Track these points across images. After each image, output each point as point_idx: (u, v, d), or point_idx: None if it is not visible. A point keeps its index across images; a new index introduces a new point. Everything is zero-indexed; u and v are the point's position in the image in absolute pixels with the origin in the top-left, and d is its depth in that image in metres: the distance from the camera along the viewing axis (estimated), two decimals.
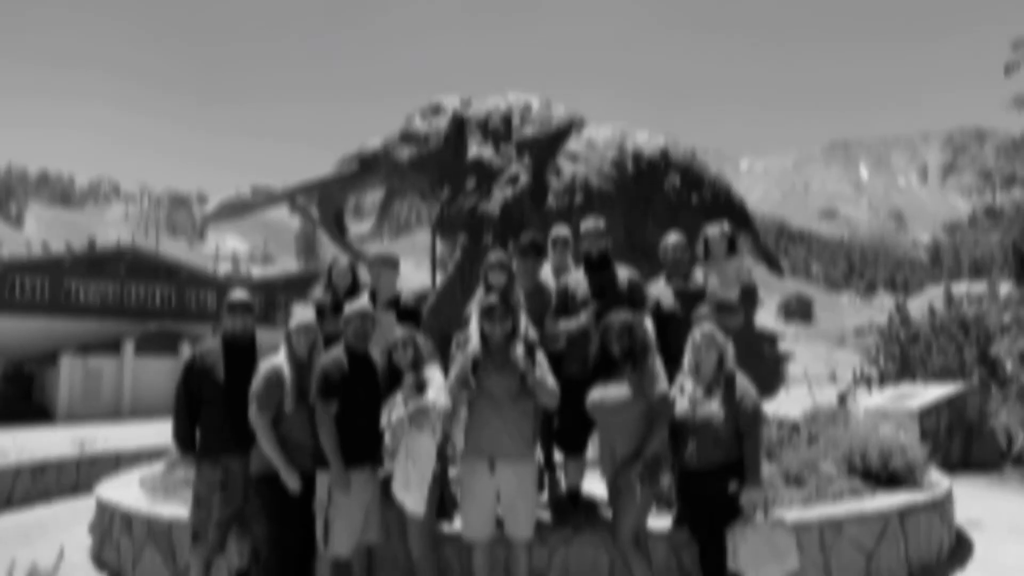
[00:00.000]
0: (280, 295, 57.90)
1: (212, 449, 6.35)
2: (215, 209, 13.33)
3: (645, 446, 5.69)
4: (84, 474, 14.16)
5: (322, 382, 5.85)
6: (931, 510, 7.85)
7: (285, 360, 6.14)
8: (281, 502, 5.96)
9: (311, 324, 6.30)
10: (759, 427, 5.83)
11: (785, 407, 17.03)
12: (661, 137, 10.91)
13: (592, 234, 6.89)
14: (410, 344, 5.98)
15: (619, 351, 5.86)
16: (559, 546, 6.45)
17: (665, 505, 7.01)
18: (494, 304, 5.88)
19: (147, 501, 8.42)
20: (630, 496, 5.70)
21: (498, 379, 5.78)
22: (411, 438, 5.66)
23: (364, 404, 5.94)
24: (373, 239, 15.17)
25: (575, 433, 6.61)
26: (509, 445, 5.73)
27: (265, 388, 6.00)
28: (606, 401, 5.83)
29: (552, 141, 10.94)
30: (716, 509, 5.76)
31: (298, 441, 5.98)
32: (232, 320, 6.60)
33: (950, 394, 15.63)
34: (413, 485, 5.59)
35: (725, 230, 6.91)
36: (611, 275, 6.78)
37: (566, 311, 6.66)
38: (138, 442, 19.49)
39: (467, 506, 5.86)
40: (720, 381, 5.90)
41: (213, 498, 6.27)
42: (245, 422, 6.01)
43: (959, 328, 18.64)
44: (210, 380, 6.39)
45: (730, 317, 6.74)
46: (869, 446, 8.47)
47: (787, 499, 7.35)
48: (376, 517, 6.00)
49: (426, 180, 11.80)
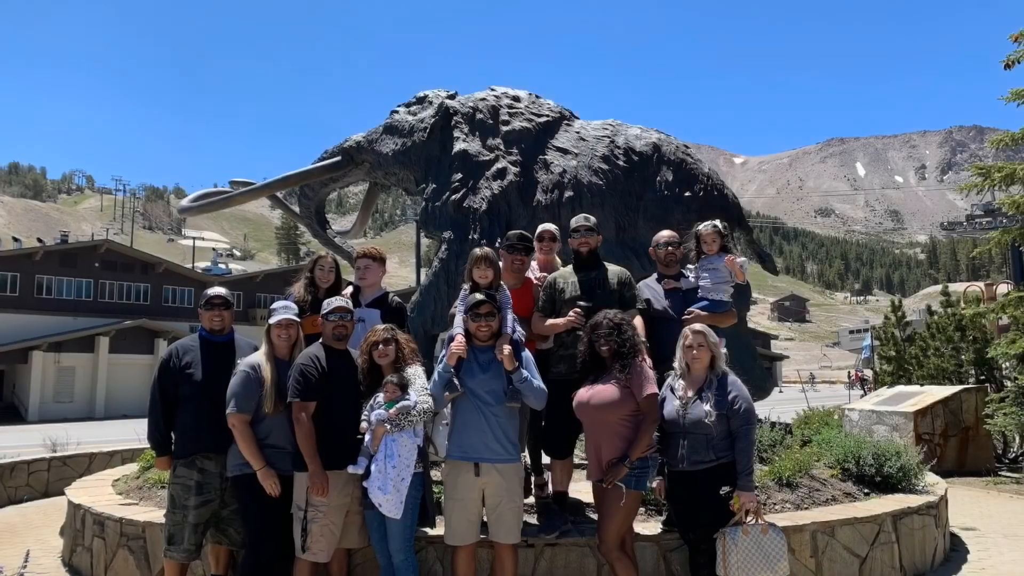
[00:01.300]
0: (260, 291, 57.81)
1: (188, 449, 6.33)
2: (193, 202, 13.30)
3: (633, 448, 5.69)
4: (55, 475, 14.08)
5: (299, 381, 5.84)
6: (926, 514, 7.90)
7: (264, 358, 6.13)
8: (258, 504, 5.94)
9: (292, 321, 6.28)
10: (751, 429, 5.84)
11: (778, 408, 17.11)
12: (653, 132, 10.92)
13: (581, 230, 6.87)
14: (392, 342, 5.97)
15: (608, 351, 5.85)
16: (545, 550, 6.46)
17: (654, 508, 7.03)
18: (480, 301, 5.88)
19: (120, 503, 8.39)
20: (617, 499, 5.71)
21: (483, 379, 5.78)
22: (391, 439, 5.65)
23: (343, 404, 5.92)
24: (356, 234, 15.17)
25: (562, 434, 6.60)
26: (494, 447, 5.73)
27: (243, 387, 5.98)
28: (593, 401, 5.83)
29: (541, 134, 10.94)
30: (706, 512, 5.77)
31: (276, 442, 5.97)
32: (210, 317, 6.58)
33: (946, 396, 15.70)
34: (391, 487, 5.58)
35: (718, 227, 6.91)
36: (601, 273, 6.77)
37: (554, 309, 6.66)
38: (112, 442, 19.44)
39: (451, 509, 5.85)
40: (711, 382, 5.90)
41: (189, 500, 6.25)
42: (222, 422, 5.99)
43: (956, 329, 18.69)
44: (187, 378, 6.37)
45: (722, 317, 6.75)
46: (863, 449, 8.52)
47: (779, 502, 7.39)
48: (356, 520, 5.99)
49: (411, 174, 11.79)
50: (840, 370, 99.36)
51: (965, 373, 18.45)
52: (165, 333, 50.01)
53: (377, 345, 5.93)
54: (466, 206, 10.36)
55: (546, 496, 6.90)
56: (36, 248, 52.85)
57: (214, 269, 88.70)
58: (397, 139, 11.86)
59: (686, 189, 10.22)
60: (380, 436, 5.65)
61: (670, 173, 10.33)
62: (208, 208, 13.43)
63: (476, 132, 11.05)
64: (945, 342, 19.05)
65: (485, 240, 9.47)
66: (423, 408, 5.71)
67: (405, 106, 12.40)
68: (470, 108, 11.36)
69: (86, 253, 52.85)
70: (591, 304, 6.35)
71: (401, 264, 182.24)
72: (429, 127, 11.44)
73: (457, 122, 11.24)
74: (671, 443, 5.92)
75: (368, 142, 12.31)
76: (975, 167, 16.69)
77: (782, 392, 47.20)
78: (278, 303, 6.46)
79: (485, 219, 10.17)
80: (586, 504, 6.96)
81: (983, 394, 15.89)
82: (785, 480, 7.79)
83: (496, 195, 10.29)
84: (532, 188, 10.44)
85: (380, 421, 5.66)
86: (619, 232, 10.18)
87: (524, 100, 11.54)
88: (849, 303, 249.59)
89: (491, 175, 10.50)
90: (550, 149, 10.76)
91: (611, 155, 10.43)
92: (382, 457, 5.63)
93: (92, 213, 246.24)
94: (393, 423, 5.63)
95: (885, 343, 21.50)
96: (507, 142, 10.85)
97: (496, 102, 11.44)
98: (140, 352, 49.93)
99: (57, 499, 11.89)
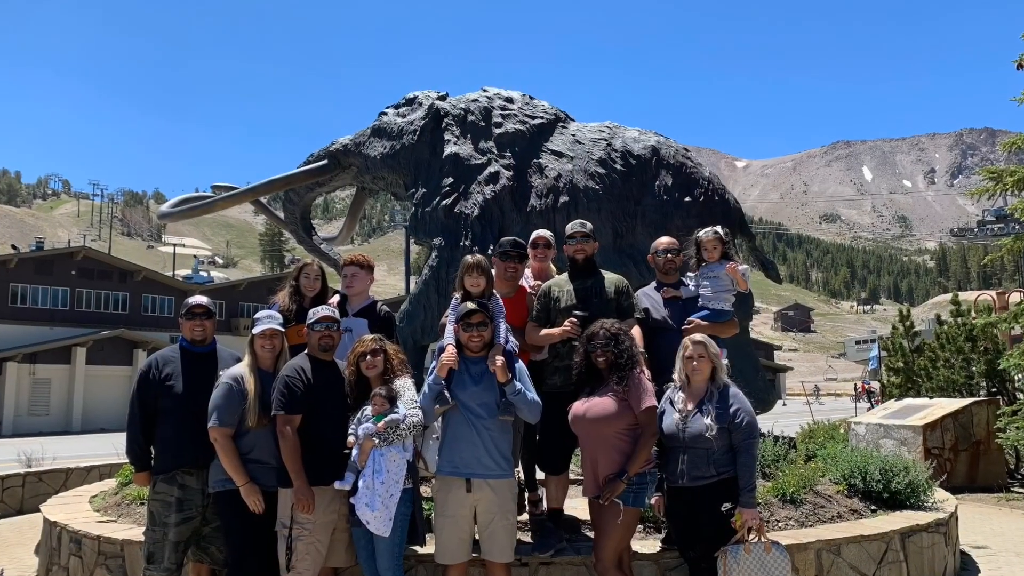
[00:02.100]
0: (243, 300, 57.76)
1: (168, 464, 6.31)
2: (173, 207, 13.30)
3: (631, 463, 5.70)
4: (30, 491, 14.07)
5: (284, 394, 5.83)
6: (935, 532, 7.90)
7: (247, 370, 6.13)
8: (242, 522, 5.93)
9: (277, 331, 6.28)
10: (753, 443, 5.85)
11: (782, 422, 17.10)
12: (651, 134, 10.96)
13: (577, 237, 6.87)
14: (380, 353, 5.96)
15: (604, 362, 5.86)
16: (539, 569, 6.46)
17: (652, 526, 7.03)
18: (471, 311, 5.88)
19: (98, 520, 8.38)
20: (614, 516, 5.70)
21: (475, 391, 5.78)
22: (379, 454, 5.64)
23: (330, 417, 5.92)
24: (343, 241, 15.17)
25: (557, 449, 6.60)
26: (487, 462, 5.73)
27: (225, 400, 5.98)
28: (589, 415, 5.83)
29: (535, 137, 10.96)
30: (707, 530, 5.76)
31: (260, 456, 5.97)
32: (191, 327, 6.56)
33: (956, 409, 15.72)
34: (379, 504, 5.57)
35: (719, 233, 6.92)
36: (597, 281, 6.77)
37: (549, 319, 6.66)
38: (89, 457, 19.39)
39: (442, 527, 5.84)
40: (712, 394, 5.90)
41: (169, 517, 6.22)
42: (204, 436, 5.98)
43: (966, 339, 18.73)
44: (167, 391, 6.35)
45: (724, 327, 6.76)
46: (870, 464, 8.53)
47: (783, 519, 7.39)
48: (343, 538, 5.98)
49: (400, 178, 11.81)
50: (847, 382, 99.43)
51: (976, 385, 18.48)
52: (144, 343, 49.92)
53: (365, 356, 5.92)
54: (457, 211, 10.38)
55: (541, 513, 6.89)
56: (10, 255, 52.65)
57: (195, 277, 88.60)
58: (386, 142, 11.88)
59: (686, 194, 10.25)
60: (368, 450, 5.64)
61: (669, 177, 10.36)
62: (189, 214, 13.43)
63: (468, 134, 11.08)
64: (955, 353, 19.07)
65: (477, 247, 9.48)
66: (412, 421, 5.70)
67: (394, 107, 12.42)
68: (461, 110, 11.38)
69: (62, 260, 52.75)
70: (587, 313, 6.35)
71: (390, 272, 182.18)
72: (419, 129, 11.46)
73: (448, 124, 11.26)
74: (670, 458, 5.92)
75: (355, 145, 12.32)
76: (986, 171, 16.74)
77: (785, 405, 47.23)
78: (261, 312, 6.47)
79: (477, 225, 10.19)
80: (582, 521, 6.95)
81: (994, 407, 15.91)
82: (789, 496, 7.80)
83: (488, 200, 10.31)
84: (526, 193, 10.46)
85: (368, 435, 5.65)
86: (616, 239, 10.21)
87: (518, 101, 11.57)
88: (855, 312, 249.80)
89: (483, 179, 10.52)
90: (545, 152, 10.79)
91: (608, 159, 10.46)
92: (370, 472, 5.62)
93: (69, 219, 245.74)
94: (381, 437, 5.62)
95: (893, 354, 21.52)
96: (500, 145, 10.87)
97: (488, 103, 11.46)
98: (118, 363, 49.80)
99: (32, 516, 11.86)
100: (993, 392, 17.91)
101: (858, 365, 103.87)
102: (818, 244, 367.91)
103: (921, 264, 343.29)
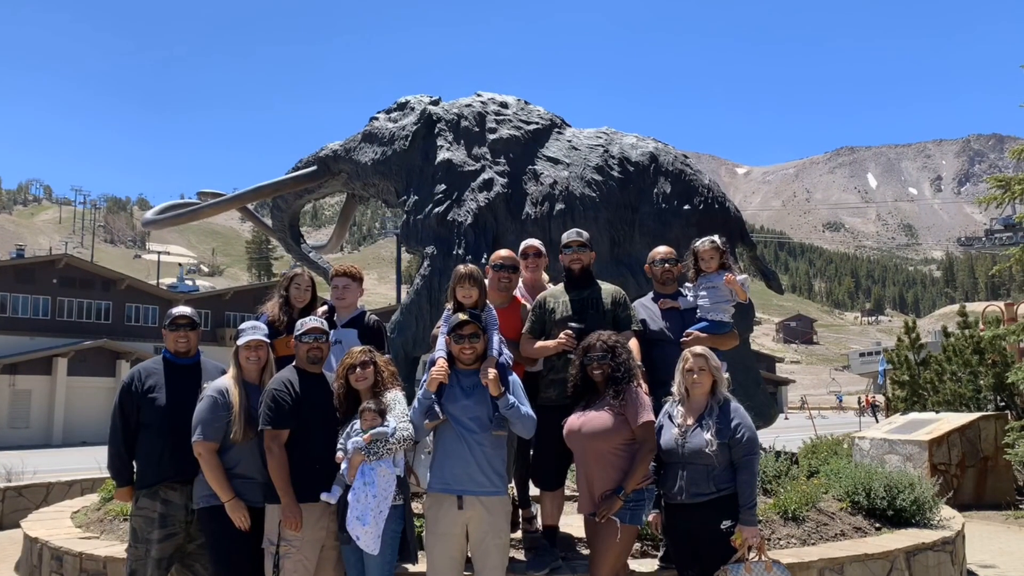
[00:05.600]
0: (229, 310, 57.71)
1: (151, 479, 6.30)
2: (158, 214, 13.28)
3: (628, 479, 5.69)
4: (10, 506, 14.01)
5: (271, 408, 5.82)
6: (941, 551, 7.89)
7: (232, 382, 6.12)
8: (227, 538, 5.92)
9: (262, 342, 6.28)
10: (754, 459, 5.85)
11: (783, 437, 17.11)
12: (650, 141, 10.97)
13: (573, 246, 6.87)
14: (370, 365, 5.95)
15: (601, 375, 5.86)
16: None
17: (650, 544, 7.02)
18: (463, 322, 5.87)
19: (80, 536, 8.36)
20: (611, 534, 5.70)
21: (467, 405, 5.76)
22: (369, 467, 5.63)
23: (318, 431, 5.90)
24: (332, 249, 15.17)
25: (552, 464, 6.59)
26: (479, 478, 5.71)
27: (210, 413, 5.97)
28: (585, 429, 5.83)
29: (530, 143, 10.97)
30: (706, 548, 5.76)
31: (246, 471, 5.96)
32: (175, 338, 6.56)
33: (963, 424, 15.72)
34: (369, 520, 5.56)
35: (716, 243, 6.93)
36: (594, 291, 6.77)
37: (543, 331, 6.66)
38: (71, 471, 19.33)
39: (433, 545, 5.81)
40: (712, 409, 5.90)
41: (152, 533, 6.21)
42: (187, 450, 5.97)
43: (974, 352, 18.75)
44: (150, 403, 6.34)
45: (724, 338, 6.77)
46: (874, 481, 8.52)
47: (784, 537, 7.39)
48: (331, 556, 5.96)
49: (391, 184, 11.81)
50: (850, 395, 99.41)
51: (984, 399, 18.48)
52: (127, 354, 49.86)
53: (354, 368, 5.89)
54: (450, 219, 10.38)
55: (535, 530, 6.89)
56: None
57: (180, 286, 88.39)
58: (377, 147, 11.88)
59: (685, 202, 10.26)
60: (356, 465, 5.63)
61: (668, 185, 10.38)
62: (174, 221, 13.42)
63: (461, 140, 11.08)
64: (962, 366, 19.10)
65: (471, 256, 9.48)
66: (402, 436, 5.67)
67: (385, 112, 12.42)
68: (455, 115, 11.39)
69: (43, 268, 52.66)
70: (583, 325, 6.35)
71: (380, 281, 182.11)
72: (411, 135, 11.45)
73: (441, 130, 11.26)
74: (669, 474, 5.92)
75: (346, 151, 12.32)
76: (994, 179, 16.80)
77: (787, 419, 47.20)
78: (247, 323, 6.46)
79: (470, 233, 10.19)
80: (578, 539, 6.95)
81: (1003, 422, 15.92)
82: (791, 514, 7.78)
83: (482, 208, 10.31)
84: (521, 200, 10.47)
85: (357, 449, 5.63)
86: (613, 248, 10.22)
87: (512, 106, 11.57)
88: (860, 324, 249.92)
89: (477, 186, 10.53)
90: (540, 159, 10.79)
91: (605, 165, 10.47)
92: (360, 484, 5.59)
93: (50, 225, 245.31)
94: (370, 451, 5.59)
95: (898, 367, 21.53)
96: (494, 151, 10.87)
97: (483, 108, 11.47)
98: (101, 375, 49.73)
99: (12, 532, 11.82)
100: (1001, 406, 17.92)
101: (862, 378, 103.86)
102: (821, 253, 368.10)
103: (927, 274, 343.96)
